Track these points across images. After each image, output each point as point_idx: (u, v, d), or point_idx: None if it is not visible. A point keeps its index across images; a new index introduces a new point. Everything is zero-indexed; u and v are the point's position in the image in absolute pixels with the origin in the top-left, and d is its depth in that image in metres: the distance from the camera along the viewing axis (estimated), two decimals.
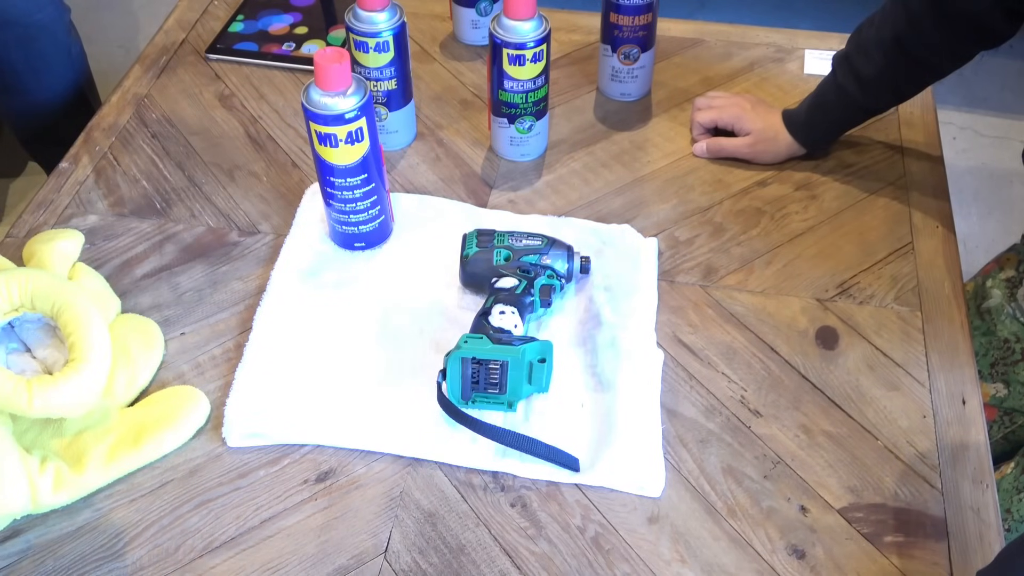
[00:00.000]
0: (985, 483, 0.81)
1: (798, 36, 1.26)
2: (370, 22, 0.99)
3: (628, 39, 1.10)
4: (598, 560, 0.76)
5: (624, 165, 1.09)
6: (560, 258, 0.91)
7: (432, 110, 1.16)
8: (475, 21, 1.22)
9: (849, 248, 0.99)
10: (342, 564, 0.76)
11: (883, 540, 0.78)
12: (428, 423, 0.84)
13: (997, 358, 1.05)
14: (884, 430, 0.84)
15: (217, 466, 0.82)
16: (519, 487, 0.81)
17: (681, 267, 0.98)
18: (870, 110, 1.05)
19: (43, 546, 0.77)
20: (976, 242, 2.03)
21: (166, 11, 1.33)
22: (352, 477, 0.81)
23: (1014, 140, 2.28)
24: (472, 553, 0.77)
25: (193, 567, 0.76)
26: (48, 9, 1.61)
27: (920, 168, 1.08)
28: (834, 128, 1.07)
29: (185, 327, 0.93)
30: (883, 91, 1.00)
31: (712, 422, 0.85)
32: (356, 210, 0.94)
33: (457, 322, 0.91)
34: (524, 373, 0.82)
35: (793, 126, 1.05)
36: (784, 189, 1.06)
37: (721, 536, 0.78)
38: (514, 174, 1.08)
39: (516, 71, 0.99)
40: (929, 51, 0.95)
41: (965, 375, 0.89)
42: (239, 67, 1.22)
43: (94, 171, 1.09)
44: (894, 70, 0.97)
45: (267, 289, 0.94)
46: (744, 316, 0.93)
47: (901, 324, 0.93)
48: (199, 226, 1.02)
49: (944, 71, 0.98)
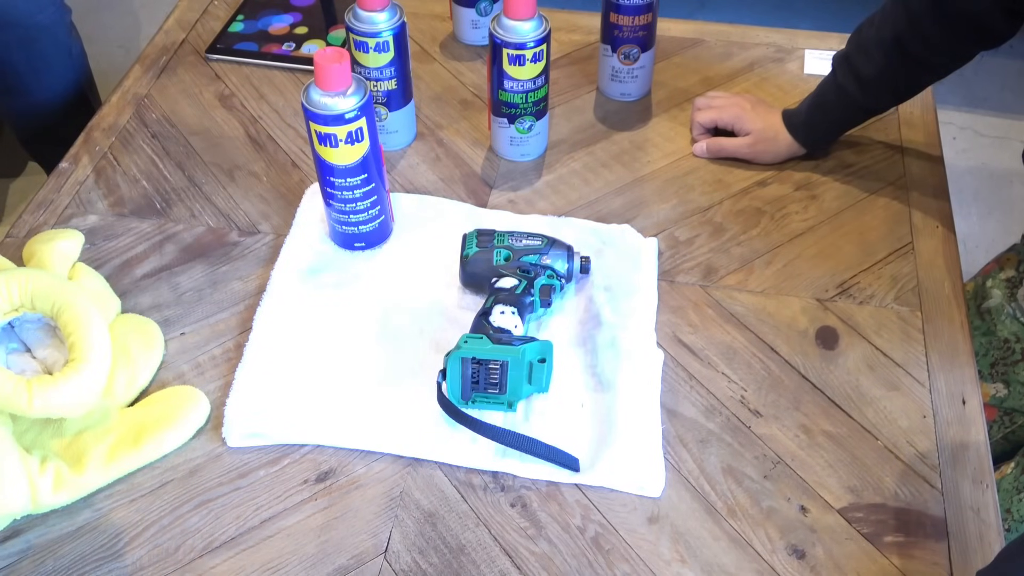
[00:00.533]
0: (985, 483, 0.81)
1: (798, 36, 1.26)
2: (370, 22, 0.99)
3: (628, 39, 1.10)
4: (598, 560, 0.76)
5: (624, 165, 1.09)
6: (560, 258, 0.91)
7: (432, 110, 1.16)
8: (475, 21, 1.22)
9: (849, 248, 0.99)
10: (342, 564, 0.76)
11: (883, 540, 0.78)
12: (428, 423, 0.84)
13: (997, 358, 1.05)
14: (884, 430, 0.84)
15: (217, 466, 0.82)
16: (519, 487, 0.81)
17: (681, 267, 0.98)
18: (870, 110, 1.05)
19: (43, 546, 0.77)
20: (976, 242, 2.03)
21: (166, 11, 1.33)
22: (352, 477, 0.81)
23: (1014, 140, 2.28)
24: (472, 553, 0.77)
25: (193, 567, 0.76)
26: (49, 10, 1.61)
27: (920, 168, 1.08)
28: (834, 128, 1.07)
29: (185, 327, 0.93)
30: (883, 91, 1.00)
31: (712, 422, 0.85)
32: (356, 210, 0.94)
33: (457, 322, 0.91)
34: (524, 373, 0.82)
35: (793, 126, 1.05)
36: (784, 189, 1.06)
37: (721, 536, 0.78)
38: (514, 174, 1.08)
39: (516, 71, 0.99)
40: (929, 51, 0.95)
41: (965, 375, 0.89)
42: (239, 67, 1.22)
43: (94, 171, 1.09)
44: (894, 70, 0.97)
45: (267, 289, 0.94)
46: (744, 316, 0.93)
47: (901, 324, 0.93)
48: (199, 226, 1.02)
49: (944, 71, 0.98)
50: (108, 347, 0.77)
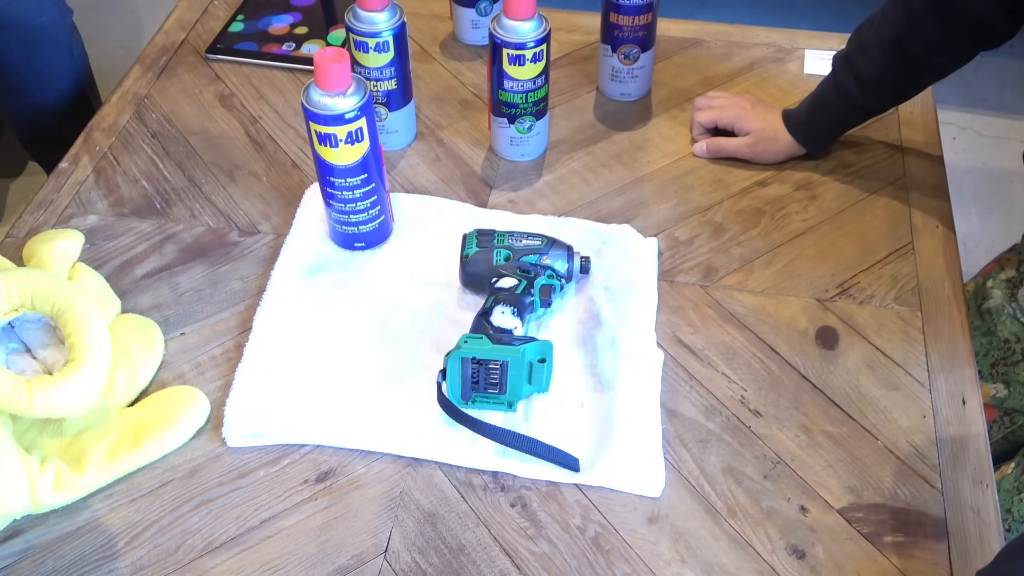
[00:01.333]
0: (985, 483, 0.81)
1: (798, 36, 1.26)
2: (370, 22, 0.99)
3: (628, 39, 1.10)
4: (598, 560, 0.76)
5: (624, 165, 1.09)
6: (560, 258, 0.91)
7: (432, 110, 1.16)
8: (475, 21, 1.22)
9: (849, 248, 0.99)
10: (342, 564, 0.76)
11: (883, 540, 0.78)
12: (428, 423, 0.84)
13: (997, 358, 1.05)
14: (884, 430, 0.84)
15: (217, 466, 0.82)
16: (519, 487, 0.81)
17: (681, 267, 0.98)
18: (870, 110, 1.05)
19: (43, 546, 0.77)
20: (976, 242, 2.03)
21: (166, 11, 1.33)
22: (352, 477, 0.81)
23: (1014, 140, 2.28)
24: (472, 553, 0.77)
25: (193, 567, 0.76)
26: (51, 12, 1.61)
27: (920, 168, 1.08)
28: (834, 128, 1.07)
29: (185, 327, 0.93)
30: (883, 91, 1.00)
31: (712, 422, 0.85)
32: (356, 210, 0.94)
33: (457, 322, 0.91)
34: (524, 373, 0.82)
35: (793, 126, 1.05)
36: (784, 189, 1.06)
37: (721, 536, 0.78)
38: (514, 174, 1.08)
39: (516, 71, 0.99)
40: (929, 51, 0.95)
41: (965, 375, 0.89)
42: (239, 67, 1.22)
43: (94, 171, 1.09)
44: (894, 70, 0.97)
45: (267, 289, 0.94)
46: (744, 316, 0.93)
47: (901, 324, 0.93)
48: (199, 226, 1.02)
49: (944, 71, 0.98)
50: (108, 347, 0.77)
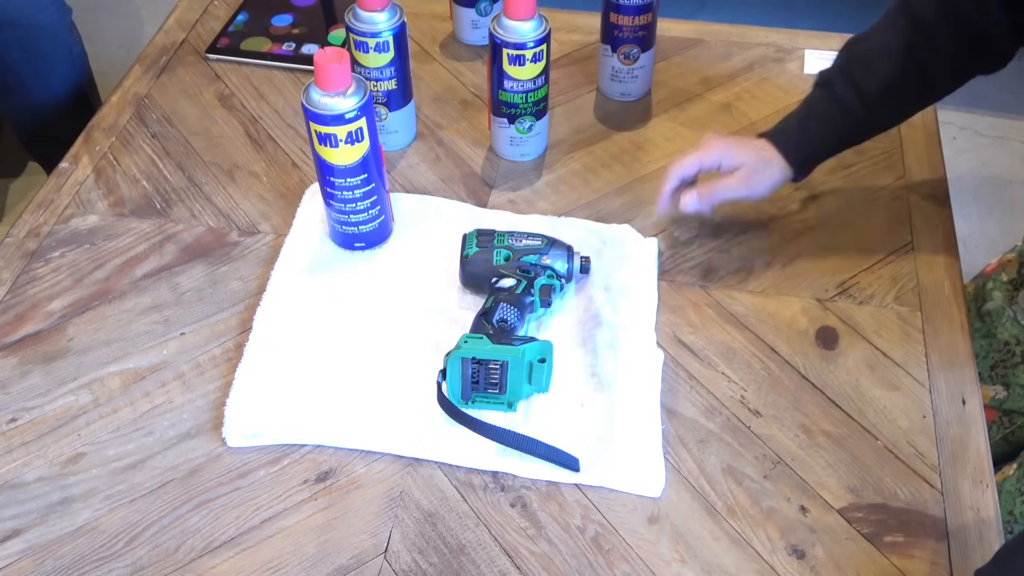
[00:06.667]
0: (985, 483, 0.81)
1: (798, 36, 1.26)
2: (370, 22, 0.99)
3: (628, 39, 1.10)
4: (598, 560, 0.76)
5: (624, 165, 1.09)
6: (560, 258, 0.91)
7: (432, 110, 1.16)
8: (475, 21, 1.22)
9: (849, 248, 0.99)
10: (342, 564, 0.76)
11: (883, 540, 0.78)
12: (428, 423, 0.84)
13: (997, 360, 1.05)
14: (884, 430, 0.84)
15: (217, 466, 0.82)
16: (519, 487, 0.81)
17: (681, 267, 0.98)
18: (864, 126, 0.97)
19: (43, 546, 0.77)
20: (976, 242, 2.03)
21: (166, 11, 1.33)
22: (352, 477, 0.81)
23: (1014, 140, 2.28)
24: (472, 553, 0.77)
25: (193, 567, 0.76)
26: (50, 11, 1.61)
27: (920, 168, 1.08)
28: (829, 141, 0.98)
29: (185, 327, 0.93)
30: (883, 103, 0.93)
31: (712, 422, 0.85)
32: (356, 210, 0.94)
33: (457, 322, 0.91)
34: (524, 373, 0.82)
35: (786, 144, 0.96)
36: (784, 189, 1.05)
37: (721, 536, 0.78)
38: (514, 174, 1.08)
39: (516, 71, 0.99)
40: (938, 60, 0.91)
41: (965, 375, 0.89)
42: (239, 67, 1.22)
43: (94, 171, 1.09)
44: (900, 80, 0.92)
45: (267, 289, 0.94)
46: (744, 316, 0.93)
47: (901, 324, 0.93)
48: (199, 226, 1.02)
49: (940, 89, 0.94)
50: None
